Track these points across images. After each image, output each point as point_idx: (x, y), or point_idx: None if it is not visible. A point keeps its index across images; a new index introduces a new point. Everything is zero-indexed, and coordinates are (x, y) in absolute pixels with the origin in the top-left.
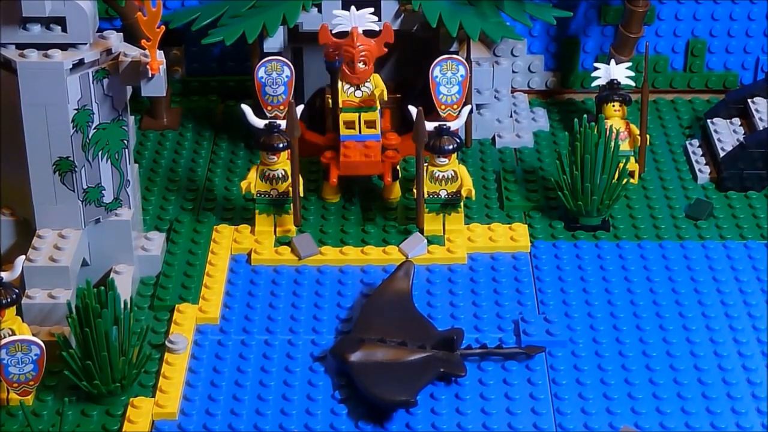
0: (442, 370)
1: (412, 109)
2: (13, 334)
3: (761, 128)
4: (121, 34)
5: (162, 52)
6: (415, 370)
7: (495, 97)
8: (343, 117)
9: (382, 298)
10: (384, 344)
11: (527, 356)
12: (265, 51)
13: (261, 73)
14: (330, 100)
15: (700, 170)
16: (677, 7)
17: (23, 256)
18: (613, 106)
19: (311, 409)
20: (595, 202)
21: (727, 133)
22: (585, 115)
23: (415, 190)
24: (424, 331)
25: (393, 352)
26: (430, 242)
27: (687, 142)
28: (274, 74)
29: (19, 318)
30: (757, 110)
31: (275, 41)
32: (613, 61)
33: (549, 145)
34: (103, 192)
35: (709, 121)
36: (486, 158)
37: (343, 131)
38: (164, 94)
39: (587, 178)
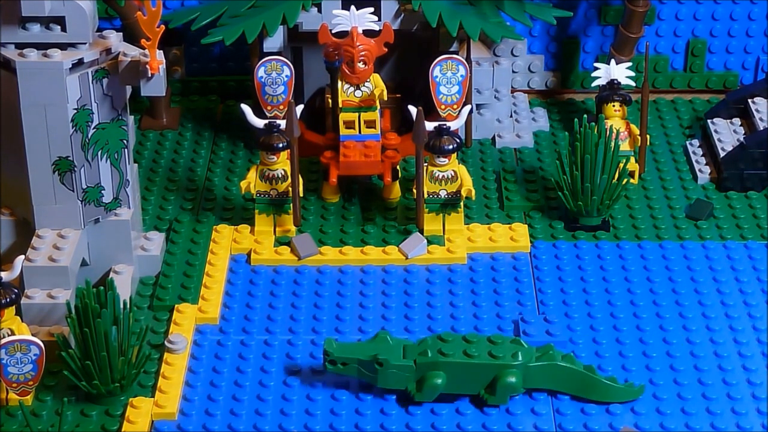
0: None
1: (412, 109)
2: (13, 334)
3: (761, 128)
4: (121, 33)
5: (162, 52)
6: None
7: (495, 97)
8: (343, 117)
9: None
10: None
11: None
12: (264, 51)
13: (261, 73)
14: (330, 100)
15: (700, 170)
16: (677, 7)
17: (23, 256)
18: (613, 106)
19: (311, 409)
20: (595, 202)
21: (727, 133)
22: (585, 115)
23: (415, 190)
24: None
25: None
26: (430, 242)
27: (687, 142)
28: (274, 74)
29: (18, 318)
30: (757, 110)
31: (275, 41)
32: (613, 61)
33: (549, 145)
34: (102, 192)
35: (709, 121)
36: (486, 158)
37: (343, 131)
38: (164, 94)
39: (587, 178)
